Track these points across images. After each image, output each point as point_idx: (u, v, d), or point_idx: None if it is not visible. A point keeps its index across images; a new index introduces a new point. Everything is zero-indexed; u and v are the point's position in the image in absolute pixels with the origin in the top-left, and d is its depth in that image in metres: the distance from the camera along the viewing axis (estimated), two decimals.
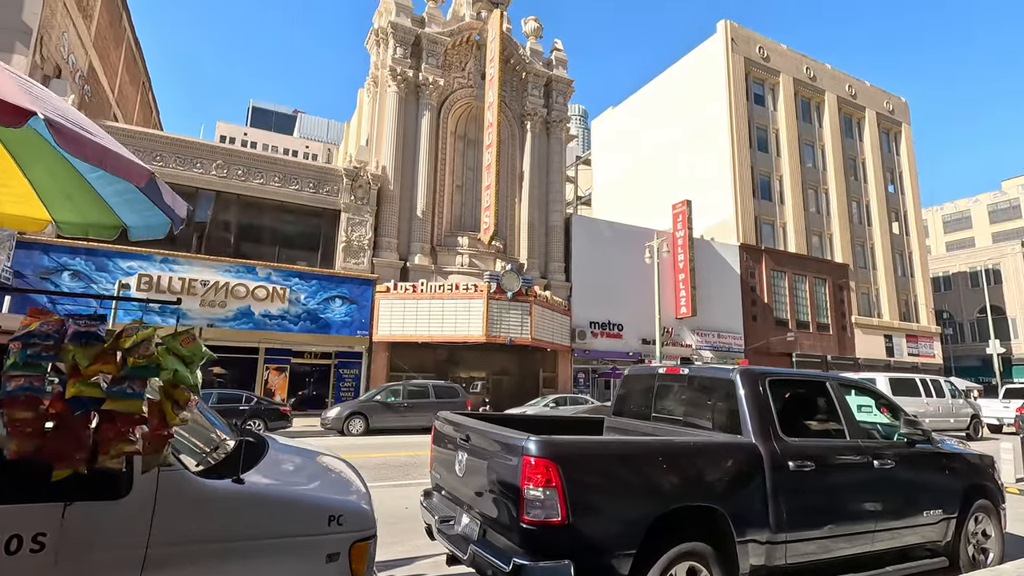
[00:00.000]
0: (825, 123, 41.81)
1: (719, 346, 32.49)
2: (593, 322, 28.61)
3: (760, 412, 3.82)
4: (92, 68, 26.00)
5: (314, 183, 23.12)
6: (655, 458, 3.32)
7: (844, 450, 4.11)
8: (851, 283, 39.73)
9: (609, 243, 29.83)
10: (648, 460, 3.30)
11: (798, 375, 4.67)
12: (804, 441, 4.02)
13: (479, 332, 22.53)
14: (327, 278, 22.72)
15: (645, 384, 4.95)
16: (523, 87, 29.56)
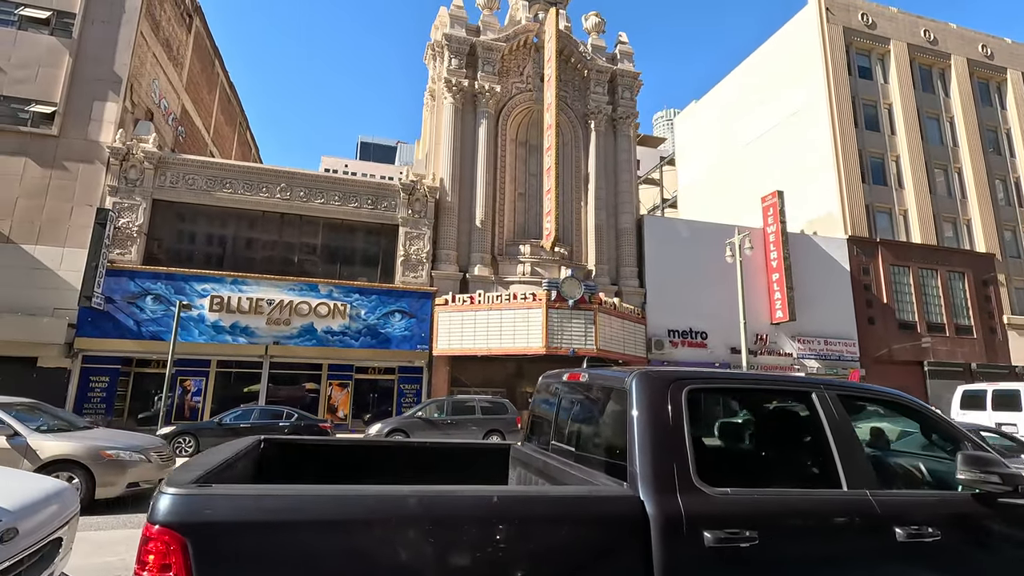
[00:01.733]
0: (953, 91, 35.76)
1: (827, 355, 28.35)
2: (672, 330, 26.12)
3: (658, 443, 2.27)
4: (185, 111, 28.51)
5: (372, 200, 23.32)
6: (397, 531, 1.93)
7: (829, 507, 2.42)
8: (999, 276, 33.22)
9: (687, 244, 27.26)
10: (383, 535, 1.91)
11: (755, 381, 2.90)
12: (743, 494, 2.35)
13: (539, 344, 21.24)
14: (386, 293, 22.68)
15: (550, 397, 3.49)
16: (585, 85, 28.16)
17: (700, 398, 2.55)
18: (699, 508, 2.15)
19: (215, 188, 21.59)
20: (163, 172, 21.18)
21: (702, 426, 2.68)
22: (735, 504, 2.21)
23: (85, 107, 20.69)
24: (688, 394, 2.42)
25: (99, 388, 19.28)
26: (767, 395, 2.80)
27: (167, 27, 25.36)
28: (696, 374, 2.57)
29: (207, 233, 22.02)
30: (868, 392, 2.90)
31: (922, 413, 2.85)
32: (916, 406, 2.87)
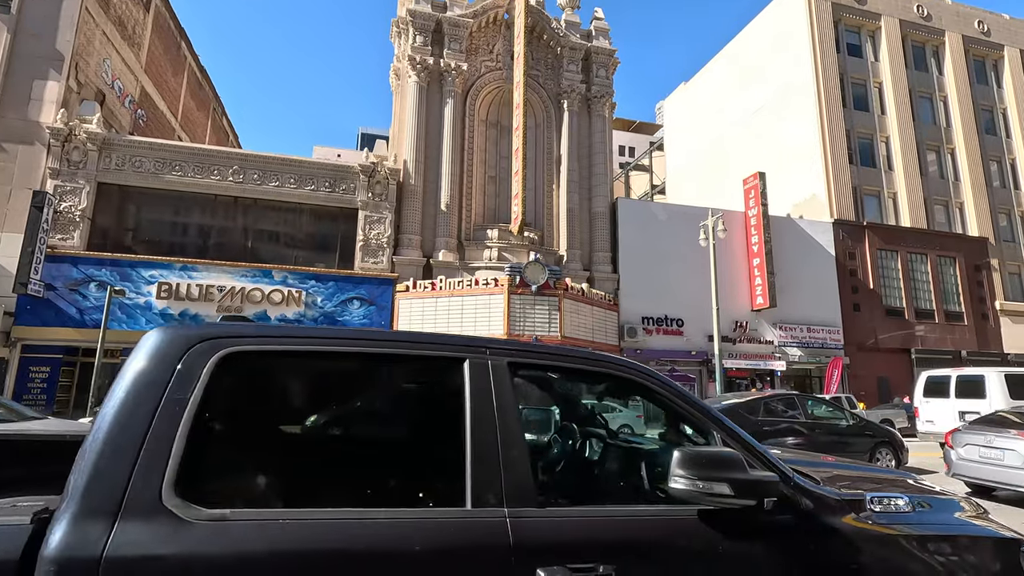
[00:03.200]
0: (947, 70, 34.46)
1: (810, 342, 27.41)
2: (647, 318, 25.21)
3: (120, 434, 1.40)
4: (146, 94, 27.59)
5: (330, 182, 22.43)
6: None
7: (425, 537, 1.51)
8: (992, 261, 32.13)
9: (664, 228, 26.27)
10: None
11: (356, 341, 1.87)
12: (253, 517, 1.43)
13: (500, 331, 20.37)
14: (344, 279, 21.84)
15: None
16: (558, 63, 27.08)
17: (258, 368, 1.69)
18: (149, 545, 1.29)
19: (164, 171, 20.74)
20: (108, 154, 20.33)
21: (266, 411, 1.80)
22: (219, 537, 1.34)
23: (24, 86, 19.82)
24: (224, 361, 1.55)
25: (39, 379, 18.57)
26: (389, 364, 1.89)
27: (120, 5, 24.39)
28: (242, 330, 1.69)
29: (156, 218, 21.20)
30: (560, 359, 1.98)
31: (653, 390, 1.96)
32: (642, 379, 1.96)
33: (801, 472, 2.20)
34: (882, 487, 2.35)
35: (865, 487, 2.23)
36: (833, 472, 2.58)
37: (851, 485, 2.29)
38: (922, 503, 2.23)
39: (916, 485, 2.58)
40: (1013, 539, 2.16)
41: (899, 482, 2.56)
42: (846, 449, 9.17)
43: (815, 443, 9.05)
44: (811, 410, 9.27)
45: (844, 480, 2.41)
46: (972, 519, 2.23)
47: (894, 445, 9.31)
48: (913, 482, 2.68)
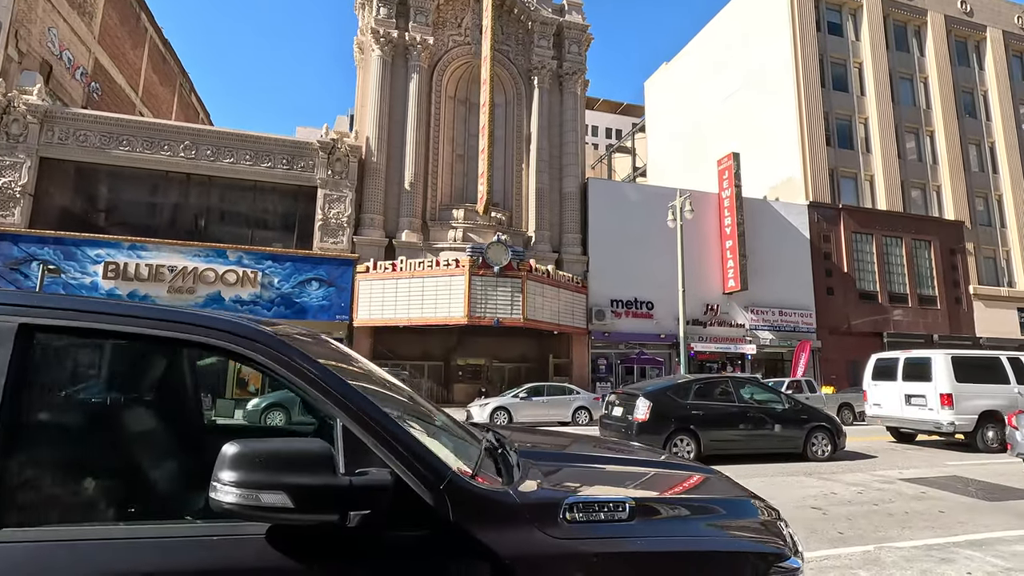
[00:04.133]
0: (928, 50, 33.92)
1: (782, 325, 27.18)
2: (616, 300, 24.81)
3: None
4: (100, 66, 26.50)
5: (288, 159, 21.67)
6: None
7: None
8: (968, 245, 31.97)
9: (635, 209, 25.75)
10: None
11: None
12: None
13: (460, 313, 19.89)
14: (302, 260, 21.20)
15: None
16: (529, 38, 26.25)
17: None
18: None
19: (111, 146, 19.88)
20: (51, 127, 19.43)
21: None
22: None
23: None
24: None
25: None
26: None
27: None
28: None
29: (103, 195, 20.40)
30: (113, 319, 1.43)
31: (257, 361, 1.44)
32: (240, 346, 1.44)
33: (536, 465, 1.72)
34: (628, 485, 1.89)
35: (582, 486, 1.76)
36: (583, 468, 2.11)
37: (580, 484, 1.82)
38: (672, 507, 1.77)
39: (706, 483, 2.12)
40: (767, 553, 1.71)
41: (673, 477, 2.10)
42: (780, 434, 8.83)
43: (747, 427, 8.70)
44: (745, 394, 8.90)
45: (583, 477, 1.94)
46: (734, 530, 1.76)
47: (831, 429, 8.98)
48: (714, 479, 2.22)
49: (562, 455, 2.25)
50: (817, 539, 4.94)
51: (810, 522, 5.46)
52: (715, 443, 8.39)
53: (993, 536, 5.13)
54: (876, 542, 4.91)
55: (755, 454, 8.87)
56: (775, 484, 7.21)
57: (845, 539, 4.96)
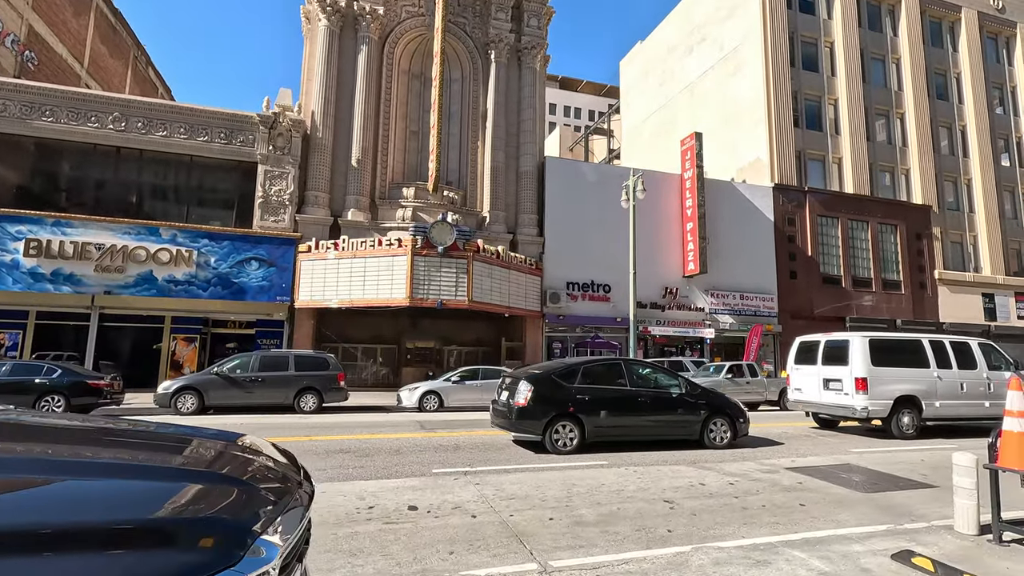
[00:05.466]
0: (901, 30, 33.28)
1: (743, 309, 26.82)
2: (572, 283, 24.27)
3: None
4: (36, 34, 25.23)
5: (225, 133, 20.73)
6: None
7: None
8: (935, 230, 31.71)
9: (594, 190, 25.10)
10: None
11: None
12: None
13: (402, 294, 19.25)
14: (241, 238, 20.40)
15: None
16: (487, 11, 25.27)
17: None
18: None
19: (32, 116, 18.85)
20: None
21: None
22: None
23: None
24: None
25: None
26: None
27: None
28: None
29: (23, 168, 19.39)
30: None
31: None
32: None
33: None
34: None
35: None
36: None
37: None
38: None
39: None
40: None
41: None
42: (675, 419, 8.35)
43: (639, 413, 8.20)
44: (639, 377, 8.39)
45: None
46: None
47: (731, 414, 8.51)
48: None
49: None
50: (637, 539, 4.43)
51: (649, 518, 4.96)
52: (601, 429, 7.89)
53: (836, 533, 4.65)
54: (701, 541, 4.41)
55: (649, 441, 8.39)
56: (648, 474, 6.73)
57: (667, 539, 4.45)
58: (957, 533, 4.76)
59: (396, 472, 6.56)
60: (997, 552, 4.36)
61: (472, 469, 6.78)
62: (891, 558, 4.14)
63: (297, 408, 14.03)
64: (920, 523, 5.04)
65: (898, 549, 4.34)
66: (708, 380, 16.10)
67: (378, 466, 6.90)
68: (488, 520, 4.79)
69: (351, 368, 23.23)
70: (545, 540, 4.35)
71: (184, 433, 2.18)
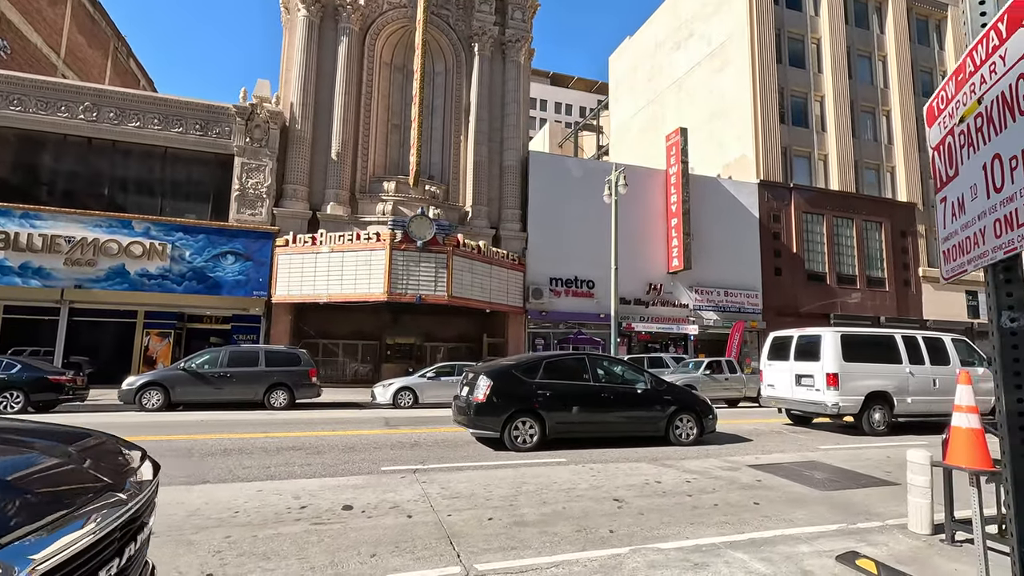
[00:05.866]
0: (888, 28, 33.27)
1: (727, 306, 26.74)
2: (555, 279, 24.07)
3: None
4: (8, 22, 24.66)
5: (201, 125, 20.33)
6: None
7: None
8: (920, 227, 31.77)
9: (579, 185, 24.89)
10: None
11: None
12: None
13: (380, 289, 18.97)
14: (217, 232, 20.03)
15: None
16: (470, 3, 24.95)
17: None
18: None
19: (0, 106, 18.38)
20: None
21: None
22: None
23: None
24: None
25: None
26: None
27: None
28: None
29: None
30: None
31: None
32: None
33: None
34: None
35: None
36: None
37: None
38: None
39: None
40: None
41: None
42: (640, 416, 8.16)
43: (603, 409, 8.00)
44: (604, 373, 8.20)
45: None
46: None
47: (698, 411, 8.34)
48: None
49: None
50: (575, 540, 4.23)
51: (593, 518, 4.75)
52: (563, 426, 7.69)
53: (785, 533, 4.47)
54: (642, 542, 4.21)
55: (615, 437, 8.20)
56: (606, 471, 6.53)
57: (607, 540, 4.25)
58: (910, 533, 4.60)
59: (343, 470, 6.33)
60: (948, 553, 4.20)
61: (424, 467, 6.56)
62: (836, 559, 3.96)
63: (267, 404, 13.75)
64: (874, 522, 4.87)
65: (845, 550, 4.16)
66: (687, 376, 15.97)
67: (327, 464, 6.66)
68: (424, 520, 4.57)
69: (331, 364, 22.98)
70: (477, 541, 4.14)
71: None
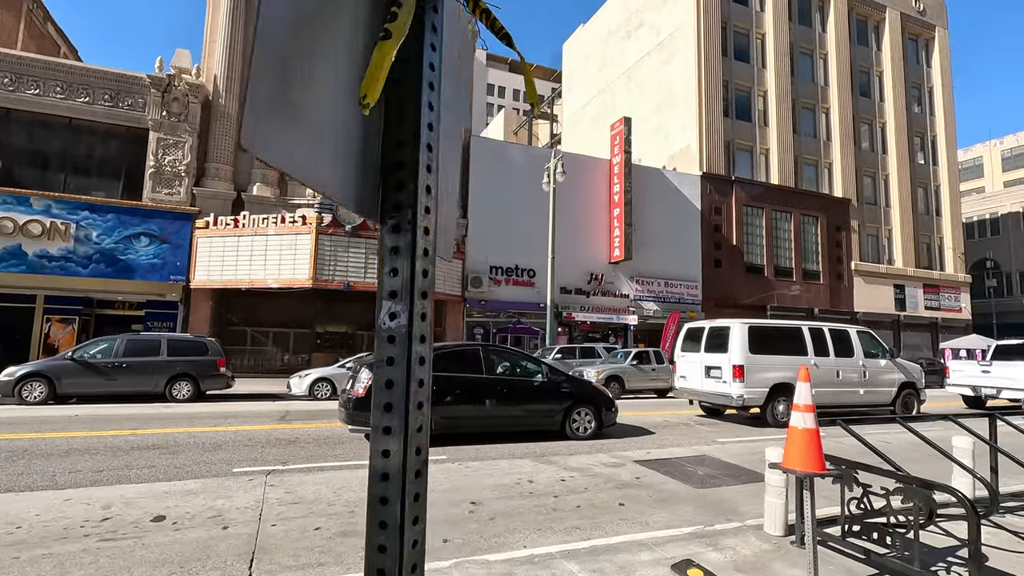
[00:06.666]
0: (829, 27, 34.04)
1: (667, 296, 26.97)
2: (496, 267, 23.68)
3: None
4: None
5: (111, 95, 18.84)
6: None
7: None
8: (853, 223, 32.85)
9: (522, 172, 24.47)
10: None
11: None
12: None
13: (305, 275, 18.13)
14: (129, 211, 18.68)
15: None
16: None
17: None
18: None
19: None
20: None
21: None
22: None
23: None
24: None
25: None
26: None
27: None
28: None
29: None
30: None
31: None
32: None
33: None
34: None
35: None
36: None
37: None
38: None
39: None
40: None
41: None
42: (535, 409, 7.87)
43: (495, 403, 7.65)
44: (499, 365, 7.86)
45: None
46: None
47: (597, 403, 8.12)
48: None
49: None
50: None
51: (434, 524, 4.36)
52: (451, 421, 7.31)
53: (633, 539, 4.20)
54: (472, 553, 3.85)
55: (509, 432, 7.89)
56: (482, 469, 6.18)
57: (436, 551, 3.87)
58: (763, 535, 4.40)
59: (188, 473, 5.75)
60: (792, 557, 4.01)
61: (283, 467, 6.05)
62: (671, 568, 3.70)
63: (169, 396, 12.87)
64: (734, 523, 4.67)
65: (689, 555, 3.92)
66: (614, 367, 15.89)
67: (176, 465, 6.06)
68: (238, 532, 4.08)
69: (259, 354, 21.98)
70: (284, 557, 3.68)
71: None
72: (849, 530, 3.97)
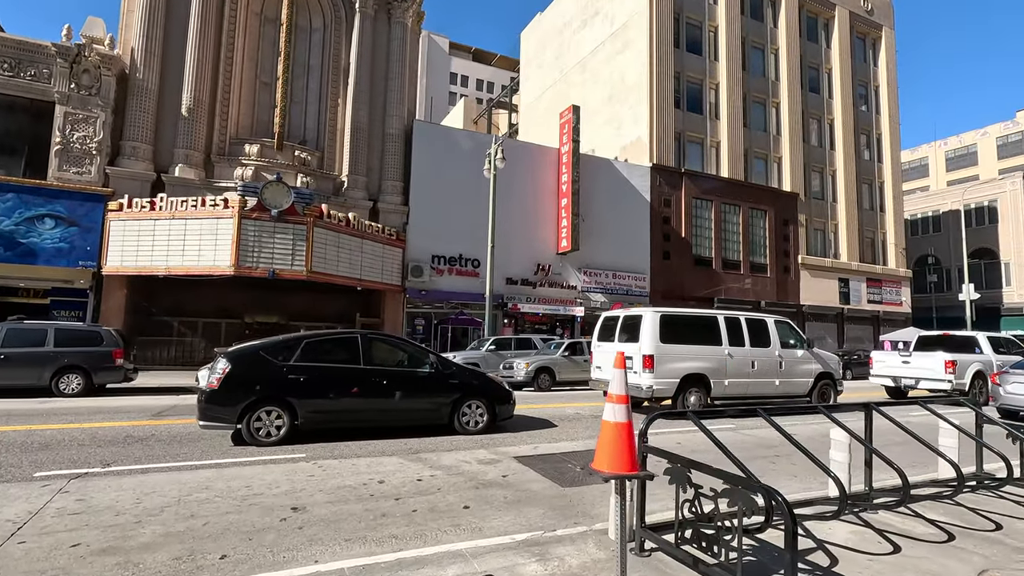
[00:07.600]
0: (781, 22, 34.33)
1: (615, 288, 26.79)
2: (438, 256, 23.00)
3: None
4: None
5: (10, 64, 17.35)
6: None
7: None
8: (801, 217, 33.34)
9: (467, 159, 23.79)
10: None
11: None
12: None
13: (227, 262, 17.10)
14: (32, 191, 17.27)
15: None
16: None
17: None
18: None
19: None
20: None
21: None
22: None
23: None
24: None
25: None
26: None
27: None
28: None
29: None
30: None
31: None
32: None
33: None
34: None
35: None
36: None
37: None
38: None
39: None
40: None
41: None
42: (419, 403, 7.32)
43: (373, 396, 7.06)
44: (379, 355, 7.29)
45: None
46: None
47: (490, 396, 7.63)
48: None
49: None
50: (157, 573, 3.20)
51: (223, 538, 3.75)
52: (320, 415, 6.70)
53: (450, 549, 3.68)
54: (251, 572, 3.26)
55: (390, 427, 7.32)
56: (338, 470, 5.59)
57: (207, 568, 3.26)
58: (606, 540, 3.95)
59: None
60: (628, 566, 3.54)
61: (102, 470, 5.33)
62: None
63: (55, 390, 11.82)
64: (581, 527, 4.21)
65: (504, 567, 3.42)
66: (546, 358, 15.48)
67: None
68: None
69: (184, 345, 20.78)
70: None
71: None
72: (682, 536, 3.54)
